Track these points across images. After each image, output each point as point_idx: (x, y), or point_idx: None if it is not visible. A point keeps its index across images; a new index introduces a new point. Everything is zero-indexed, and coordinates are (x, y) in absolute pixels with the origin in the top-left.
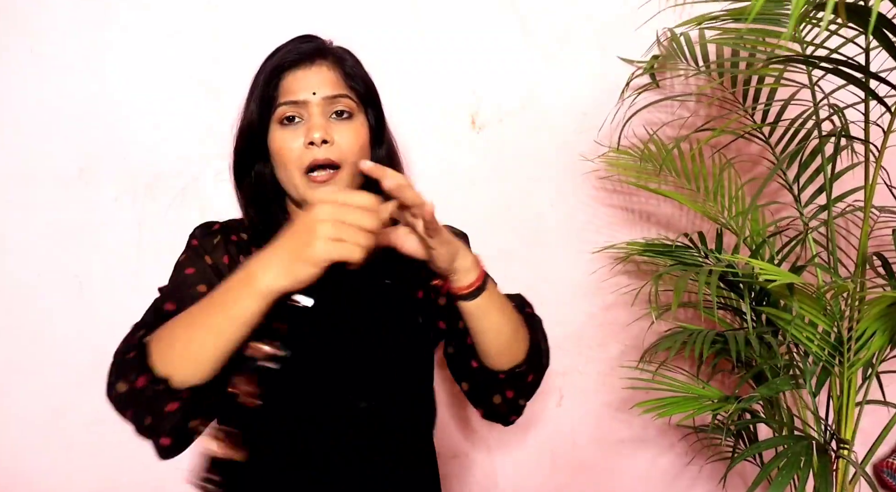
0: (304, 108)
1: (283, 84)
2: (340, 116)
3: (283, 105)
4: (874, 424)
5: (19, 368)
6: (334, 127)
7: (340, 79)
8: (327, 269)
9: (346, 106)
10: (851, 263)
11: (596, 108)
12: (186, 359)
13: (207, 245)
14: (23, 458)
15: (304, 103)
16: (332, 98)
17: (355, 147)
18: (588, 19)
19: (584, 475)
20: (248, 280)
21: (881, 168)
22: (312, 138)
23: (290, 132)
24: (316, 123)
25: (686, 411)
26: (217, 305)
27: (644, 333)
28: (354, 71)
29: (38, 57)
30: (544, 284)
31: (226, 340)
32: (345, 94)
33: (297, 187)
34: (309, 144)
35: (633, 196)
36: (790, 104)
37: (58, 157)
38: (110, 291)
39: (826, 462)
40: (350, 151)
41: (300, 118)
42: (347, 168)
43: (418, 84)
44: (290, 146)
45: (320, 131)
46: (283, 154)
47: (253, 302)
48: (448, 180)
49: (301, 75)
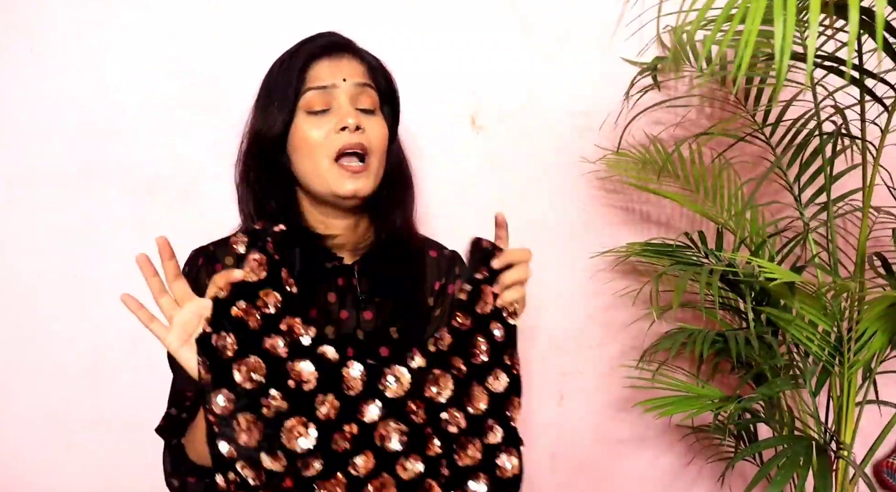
0: (333, 96)
1: (311, 72)
2: (363, 112)
3: (312, 90)
4: (874, 424)
5: (19, 368)
6: (362, 118)
7: (367, 71)
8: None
9: (370, 99)
10: (851, 263)
11: (596, 109)
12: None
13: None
14: (23, 458)
15: (332, 89)
16: (360, 85)
17: (381, 140)
18: (588, 19)
19: (584, 475)
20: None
21: (881, 168)
22: (346, 123)
23: (317, 121)
24: (347, 109)
25: (686, 410)
26: (200, 424)
27: (644, 333)
28: (378, 65)
29: (38, 57)
30: (544, 284)
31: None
32: (371, 84)
33: (326, 176)
34: (341, 129)
35: (633, 196)
36: (791, 105)
37: (58, 157)
38: (110, 291)
39: (825, 462)
40: (378, 141)
41: (328, 108)
42: (375, 160)
43: (418, 84)
44: (319, 133)
45: (354, 117)
46: (311, 141)
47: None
48: (448, 180)
49: (330, 63)
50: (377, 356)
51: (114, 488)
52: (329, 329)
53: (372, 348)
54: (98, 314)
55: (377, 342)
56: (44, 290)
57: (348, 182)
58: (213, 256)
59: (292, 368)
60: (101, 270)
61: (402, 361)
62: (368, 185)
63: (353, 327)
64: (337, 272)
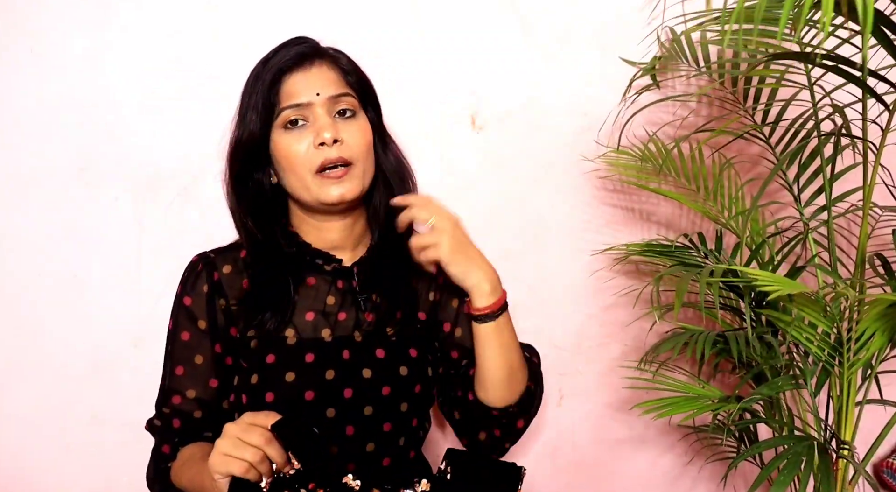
0: (309, 110)
1: (284, 88)
2: (344, 116)
3: (287, 109)
4: (874, 424)
5: (19, 368)
6: (340, 126)
7: (340, 78)
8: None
9: (348, 104)
10: (851, 263)
11: (596, 109)
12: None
13: (198, 305)
14: (22, 458)
15: (307, 105)
16: (335, 97)
17: (363, 145)
18: (588, 19)
19: (584, 475)
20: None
21: (882, 168)
22: (323, 139)
23: (295, 135)
24: (324, 123)
25: (686, 411)
26: (197, 479)
27: (645, 333)
28: (351, 69)
29: (38, 57)
30: (544, 284)
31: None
32: (346, 92)
33: (310, 188)
34: (319, 144)
35: (634, 196)
36: (790, 105)
37: (58, 157)
38: (110, 291)
39: (827, 462)
40: (359, 148)
41: (305, 121)
42: (360, 164)
43: (418, 84)
44: (298, 149)
45: (330, 131)
46: (291, 158)
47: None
48: (448, 180)
49: (301, 78)
50: (374, 359)
51: (113, 488)
52: (325, 332)
53: (369, 351)
54: (98, 314)
55: (374, 345)
56: (44, 290)
57: (333, 188)
58: (212, 264)
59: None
60: (101, 270)
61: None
62: (354, 188)
63: (352, 330)
64: (336, 275)
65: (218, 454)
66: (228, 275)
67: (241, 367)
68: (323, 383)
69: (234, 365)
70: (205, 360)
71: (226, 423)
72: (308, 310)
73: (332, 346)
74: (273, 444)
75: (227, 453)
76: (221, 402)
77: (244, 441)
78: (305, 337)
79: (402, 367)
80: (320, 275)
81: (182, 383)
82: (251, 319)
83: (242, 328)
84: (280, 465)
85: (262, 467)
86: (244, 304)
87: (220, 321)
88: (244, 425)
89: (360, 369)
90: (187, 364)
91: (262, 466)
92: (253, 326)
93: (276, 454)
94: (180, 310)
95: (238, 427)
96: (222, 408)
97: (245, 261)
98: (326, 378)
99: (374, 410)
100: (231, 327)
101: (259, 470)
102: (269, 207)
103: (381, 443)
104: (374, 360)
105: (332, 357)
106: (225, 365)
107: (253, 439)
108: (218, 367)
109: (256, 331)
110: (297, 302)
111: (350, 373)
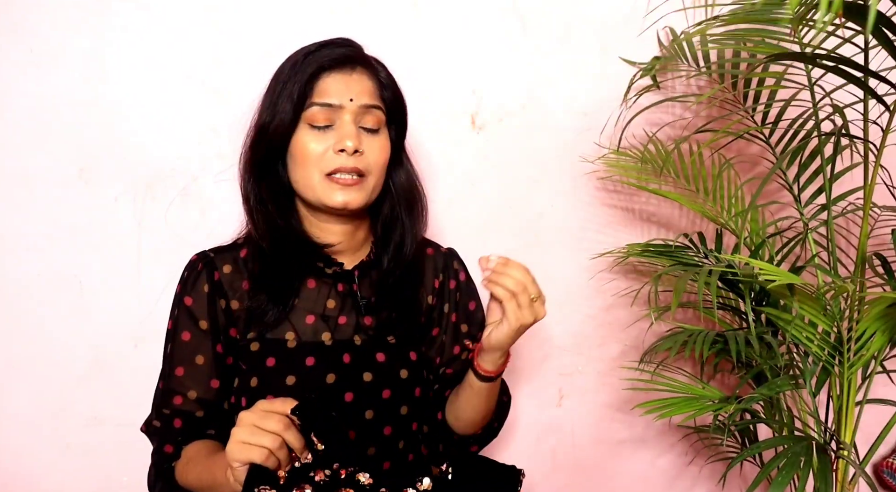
0: (337, 114)
1: (320, 84)
2: (366, 130)
3: (317, 106)
4: (874, 424)
5: (19, 368)
6: (363, 138)
7: (376, 89)
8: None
9: (374, 121)
10: (851, 263)
11: (596, 109)
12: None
13: (199, 305)
14: (22, 458)
15: (338, 108)
16: (366, 107)
17: (380, 161)
18: (588, 19)
19: (584, 475)
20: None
21: (881, 168)
22: (345, 146)
23: (318, 135)
24: (349, 130)
25: (686, 411)
26: (206, 474)
27: (644, 333)
28: (389, 83)
29: (38, 57)
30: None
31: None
32: (378, 105)
33: (315, 188)
34: (339, 150)
35: (633, 196)
36: (790, 105)
37: (58, 157)
38: (110, 291)
39: (826, 462)
40: (375, 163)
41: (331, 124)
42: (371, 178)
43: (418, 84)
44: (316, 148)
45: (354, 140)
46: (307, 155)
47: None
48: (448, 180)
49: (340, 79)
50: (374, 363)
51: (113, 488)
52: (326, 336)
53: (369, 355)
54: (98, 314)
55: (374, 348)
56: (44, 290)
57: (339, 194)
58: (212, 263)
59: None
60: (101, 270)
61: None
62: (360, 198)
63: (352, 333)
64: (337, 278)
65: (236, 443)
66: (228, 274)
67: (241, 369)
68: (323, 387)
69: (233, 366)
70: (206, 360)
71: (228, 423)
72: (308, 313)
73: (332, 349)
74: (291, 429)
75: (246, 441)
76: (223, 402)
77: (262, 428)
78: (306, 340)
79: (403, 370)
80: (320, 278)
81: (183, 384)
82: (252, 316)
83: (243, 329)
84: (298, 450)
85: (281, 454)
86: (254, 291)
87: (220, 321)
88: (260, 413)
89: (361, 372)
90: (188, 365)
91: (280, 452)
92: (253, 325)
93: (294, 440)
94: (180, 310)
95: (255, 415)
96: (223, 409)
97: (245, 260)
98: (327, 382)
99: (375, 413)
100: (231, 328)
101: (278, 456)
102: (287, 195)
103: (382, 446)
104: (375, 363)
105: (333, 361)
106: (226, 366)
107: (271, 426)
108: (219, 367)
109: (257, 333)
110: (298, 304)
111: (350, 377)
